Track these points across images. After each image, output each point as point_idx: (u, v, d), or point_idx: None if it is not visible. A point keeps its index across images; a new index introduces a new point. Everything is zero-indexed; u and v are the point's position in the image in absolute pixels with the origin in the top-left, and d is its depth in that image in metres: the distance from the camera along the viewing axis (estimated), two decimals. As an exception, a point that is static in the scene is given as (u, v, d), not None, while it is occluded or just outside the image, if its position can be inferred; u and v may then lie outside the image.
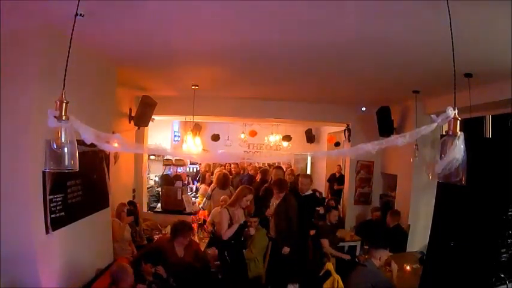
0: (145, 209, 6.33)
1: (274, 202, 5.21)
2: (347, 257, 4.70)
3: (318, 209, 4.69)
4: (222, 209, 4.00)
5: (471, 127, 4.51)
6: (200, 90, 5.13)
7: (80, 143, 1.45)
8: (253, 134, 11.30)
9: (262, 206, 5.41)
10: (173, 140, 9.23)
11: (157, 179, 7.58)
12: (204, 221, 5.60)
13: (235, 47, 3.12)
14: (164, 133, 8.71)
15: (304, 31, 2.63)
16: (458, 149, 1.40)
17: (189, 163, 8.71)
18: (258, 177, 7.17)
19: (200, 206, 6.48)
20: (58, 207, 2.76)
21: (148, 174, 7.07)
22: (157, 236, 5.23)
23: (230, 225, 3.88)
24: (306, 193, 4.78)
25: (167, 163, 8.00)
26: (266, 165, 8.67)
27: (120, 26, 2.62)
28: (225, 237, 3.85)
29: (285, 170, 9.14)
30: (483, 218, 2.81)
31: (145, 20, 2.48)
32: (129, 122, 5.45)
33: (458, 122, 1.41)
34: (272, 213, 5.14)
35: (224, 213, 3.91)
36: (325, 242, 4.61)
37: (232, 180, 7.03)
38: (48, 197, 2.62)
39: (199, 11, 2.30)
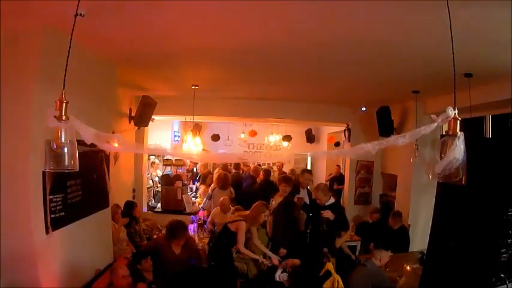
0: (145, 208, 6.34)
1: (276, 200, 5.20)
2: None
3: (323, 212, 4.29)
4: (240, 222, 4.08)
5: (471, 127, 4.51)
6: (200, 90, 5.13)
7: (80, 143, 1.45)
8: (253, 134, 11.30)
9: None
10: (173, 140, 9.22)
11: (157, 178, 7.58)
12: (205, 221, 5.60)
13: (235, 47, 3.12)
14: (164, 133, 8.70)
15: (304, 32, 2.63)
16: (458, 149, 1.40)
17: (188, 163, 8.69)
18: (261, 177, 7.26)
19: (200, 206, 6.48)
20: (58, 207, 2.76)
21: (148, 174, 7.08)
22: (157, 236, 5.23)
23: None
24: (327, 203, 4.40)
25: (167, 163, 8.01)
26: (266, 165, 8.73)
27: (120, 26, 2.62)
28: (242, 248, 4.05)
29: (277, 170, 9.17)
30: (483, 218, 2.81)
31: (145, 20, 2.48)
32: (129, 122, 5.46)
33: (458, 122, 1.41)
34: (271, 210, 5.15)
35: (244, 226, 4.06)
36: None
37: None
38: (48, 197, 2.62)
39: (200, 11, 2.30)
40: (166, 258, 3.55)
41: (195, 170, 9.02)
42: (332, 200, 4.44)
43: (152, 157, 7.43)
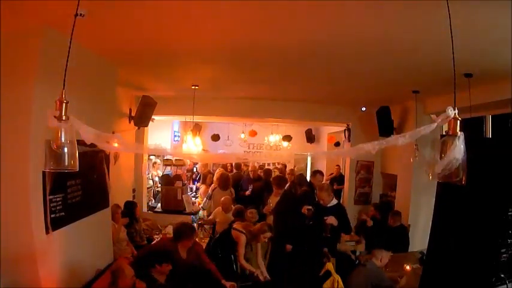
0: (145, 209, 6.34)
1: (272, 200, 5.21)
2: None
3: (326, 218, 4.10)
4: (241, 235, 4.16)
5: (471, 127, 4.51)
6: (200, 90, 5.13)
7: (80, 143, 1.45)
8: (253, 134, 11.30)
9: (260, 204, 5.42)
10: (173, 140, 9.22)
11: (157, 178, 7.59)
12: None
13: (235, 47, 3.12)
14: (164, 133, 8.70)
15: (304, 31, 2.63)
16: (458, 149, 1.40)
17: (188, 163, 8.72)
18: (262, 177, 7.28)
19: (200, 206, 6.48)
20: (58, 207, 2.76)
21: (148, 174, 7.08)
22: (157, 236, 5.23)
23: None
24: (330, 204, 4.33)
25: (167, 163, 8.02)
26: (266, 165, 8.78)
27: (120, 26, 2.63)
28: (242, 261, 4.13)
29: (280, 169, 9.20)
30: (483, 218, 2.81)
31: (145, 20, 2.49)
32: (129, 122, 5.45)
33: (458, 122, 1.41)
34: (270, 210, 5.16)
35: (243, 241, 4.16)
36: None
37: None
38: (48, 197, 2.62)
39: (200, 11, 2.30)
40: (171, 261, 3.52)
41: (195, 170, 9.03)
42: (335, 201, 4.41)
43: (153, 157, 7.44)
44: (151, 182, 7.24)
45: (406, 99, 5.49)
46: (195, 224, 5.33)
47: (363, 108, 6.47)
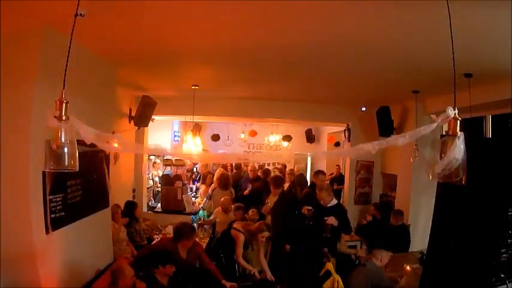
0: (145, 209, 6.34)
1: (271, 199, 5.21)
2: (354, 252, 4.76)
3: (327, 219, 4.07)
4: (239, 234, 4.15)
5: (471, 127, 4.51)
6: (200, 90, 5.13)
7: (80, 143, 1.45)
8: (253, 134, 11.30)
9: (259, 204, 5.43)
10: (173, 140, 9.22)
11: (157, 178, 7.59)
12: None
13: (235, 47, 3.12)
14: (164, 133, 8.70)
15: (304, 32, 2.64)
16: (458, 149, 1.40)
17: (188, 163, 8.71)
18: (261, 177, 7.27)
19: (200, 206, 6.48)
20: (58, 207, 2.76)
21: (148, 174, 7.08)
22: (157, 236, 5.23)
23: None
24: (330, 204, 4.29)
25: (167, 163, 8.02)
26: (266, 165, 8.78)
27: (120, 26, 2.62)
28: (240, 260, 4.12)
29: (280, 169, 9.21)
30: (483, 218, 2.81)
31: (145, 20, 2.48)
32: (129, 122, 5.45)
33: (458, 122, 1.41)
34: (268, 210, 5.16)
35: (242, 240, 4.14)
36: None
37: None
38: (48, 197, 2.62)
39: (200, 11, 2.30)
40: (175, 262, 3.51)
41: (195, 170, 9.03)
42: (335, 202, 4.40)
43: (153, 157, 7.44)
44: (151, 182, 7.24)
45: (406, 99, 5.49)
46: (195, 224, 5.33)
47: (363, 108, 6.47)
